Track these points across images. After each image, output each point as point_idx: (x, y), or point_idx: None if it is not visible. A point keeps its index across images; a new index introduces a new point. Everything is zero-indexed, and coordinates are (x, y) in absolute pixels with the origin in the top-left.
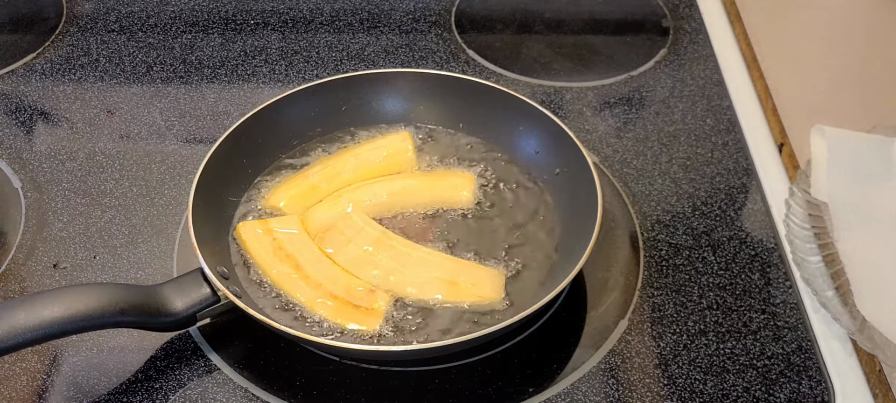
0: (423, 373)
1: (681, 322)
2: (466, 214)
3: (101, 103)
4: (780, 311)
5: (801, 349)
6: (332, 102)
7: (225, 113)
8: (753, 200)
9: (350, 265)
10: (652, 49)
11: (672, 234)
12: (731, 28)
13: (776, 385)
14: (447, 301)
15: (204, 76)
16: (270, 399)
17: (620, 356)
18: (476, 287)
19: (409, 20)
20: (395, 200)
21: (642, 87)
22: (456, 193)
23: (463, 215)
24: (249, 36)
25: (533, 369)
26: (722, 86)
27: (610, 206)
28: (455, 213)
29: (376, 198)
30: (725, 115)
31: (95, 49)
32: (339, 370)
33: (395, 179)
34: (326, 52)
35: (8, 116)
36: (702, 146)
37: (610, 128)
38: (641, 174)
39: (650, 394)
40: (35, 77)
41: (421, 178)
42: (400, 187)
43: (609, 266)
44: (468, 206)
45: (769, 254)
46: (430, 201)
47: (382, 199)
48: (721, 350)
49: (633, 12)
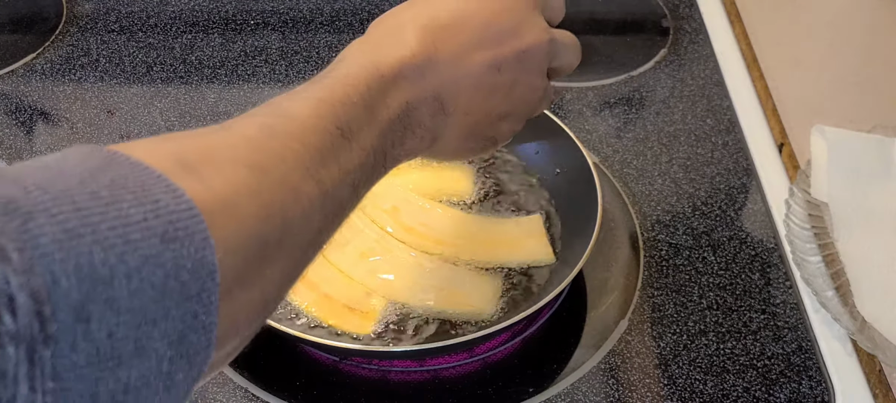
0: (423, 373)
1: (681, 322)
2: (466, 211)
3: (101, 103)
4: (780, 311)
5: (801, 349)
6: None
7: (225, 113)
8: (753, 200)
9: (347, 267)
10: (652, 49)
11: (672, 234)
12: (731, 28)
13: (776, 385)
14: (443, 307)
15: (204, 76)
16: (270, 399)
17: (620, 356)
18: (470, 296)
19: None
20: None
21: (642, 87)
22: (455, 186)
23: (462, 214)
24: (249, 36)
25: (533, 369)
26: (722, 86)
27: (610, 206)
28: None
29: (374, 196)
30: (725, 115)
31: (95, 49)
32: (338, 370)
33: (393, 174)
34: (326, 52)
35: (8, 116)
36: (702, 146)
37: (610, 128)
38: (641, 174)
39: (650, 394)
40: (35, 77)
41: (419, 173)
42: (399, 183)
43: (609, 266)
44: (467, 199)
45: (769, 254)
46: (429, 195)
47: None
48: (721, 350)
49: (633, 12)
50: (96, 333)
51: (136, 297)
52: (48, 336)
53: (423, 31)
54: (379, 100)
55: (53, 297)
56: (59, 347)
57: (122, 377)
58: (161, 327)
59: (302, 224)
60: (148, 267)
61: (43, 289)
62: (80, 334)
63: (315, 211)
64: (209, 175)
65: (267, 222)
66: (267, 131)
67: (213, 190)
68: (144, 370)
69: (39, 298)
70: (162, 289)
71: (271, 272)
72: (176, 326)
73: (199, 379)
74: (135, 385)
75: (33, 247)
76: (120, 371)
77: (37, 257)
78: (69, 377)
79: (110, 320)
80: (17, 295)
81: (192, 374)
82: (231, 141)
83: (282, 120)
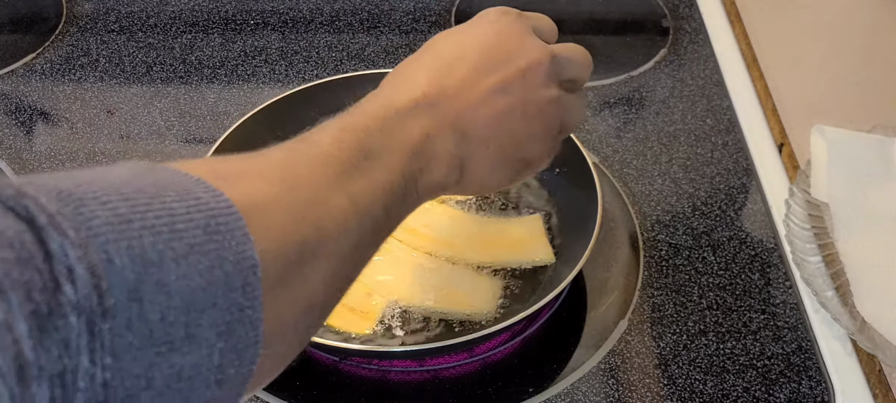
0: (423, 373)
1: (681, 322)
2: (466, 211)
3: (101, 103)
4: (780, 311)
5: (801, 349)
6: (332, 102)
7: (225, 113)
8: (753, 200)
9: None
10: (652, 49)
11: (672, 234)
12: (731, 28)
13: (776, 385)
14: (443, 307)
15: (204, 76)
16: (270, 399)
17: (620, 356)
18: (470, 296)
19: (409, 20)
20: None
21: (642, 87)
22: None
23: (462, 214)
24: (249, 36)
25: (533, 369)
26: (722, 86)
27: (610, 206)
28: (455, 209)
29: None
30: (725, 115)
31: (95, 49)
32: (338, 370)
33: None
34: (326, 52)
35: (8, 116)
36: (702, 146)
37: (610, 128)
38: (641, 174)
39: (650, 394)
40: (35, 77)
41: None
42: None
43: (609, 266)
44: (467, 199)
45: (769, 254)
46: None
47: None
48: (721, 350)
49: (633, 12)
50: (149, 314)
51: (184, 282)
52: (106, 310)
53: (430, 72)
54: (398, 128)
55: (109, 274)
56: (116, 323)
57: (175, 363)
58: (209, 315)
59: (338, 232)
60: (194, 255)
61: (99, 265)
62: (136, 313)
63: (350, 222)
64: (243, 185)
65: (301, 226)
66: (292, 154)
67: (248, 195)
68: (196, 358)
69: (96, 272)
70: (208, 277)
71: (312, 276)
72: (223, 317)
73: (250, 380)
74: (188, 374)
75: (87, 228)
76: (173, 356)
77: (91, 236)
78: (126, 358)
79: (162, 302)
80: (76, 267)
81: (242, 371)
82: (260, 162)
83: (306, 145)
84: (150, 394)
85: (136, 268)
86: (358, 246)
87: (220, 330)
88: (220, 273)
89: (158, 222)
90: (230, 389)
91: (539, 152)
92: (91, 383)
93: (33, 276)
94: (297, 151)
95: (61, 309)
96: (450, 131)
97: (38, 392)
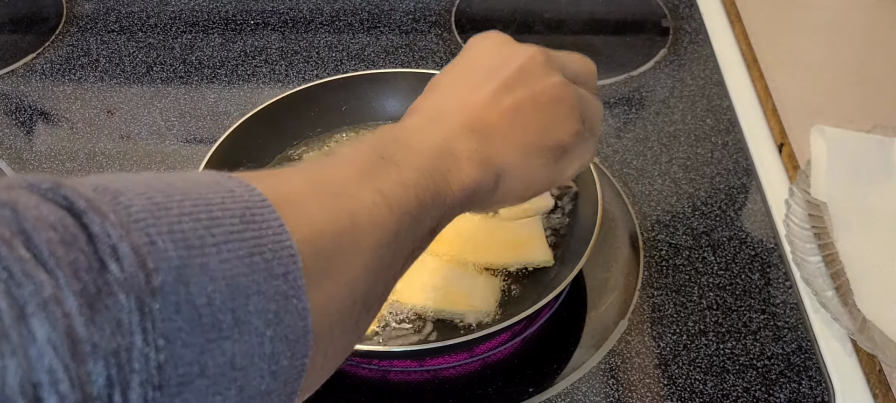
0: (423, 373)
1: (681, 322)
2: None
3: (101, 103)
4: (780, 311)
5: (801, 349)
6: (333, 102)
7: (225, 113)
8: (753, 200)
9: None
10: (652, 49)
11: (672, 234)
12: (731, 28)
13: (776, 385)
14: (443, 307)
15: (204, 76)
16: None
17: (620, 356)
18: (470, 296)
19: (409, 20)
20: None
21: (642, 87)
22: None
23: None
24: (249, 36)
25: (533, 369)
26: (722, 86)
27: (610, 206)
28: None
29: None
30: (725, 115)
31: (95, 49)
32: (338, 370)
33: None
34: (326, 52)
35: (8, 116)
36: (702, 146)
37: (610, 128)
38: (641, 174)
39: (650, 394)
40: (35, 77)
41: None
42: None
43: (609, 266)
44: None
45: (769, 254)
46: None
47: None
48: (721, 350)
49: (633, 12)
50: (196, 298)
51: (227, 266)
52: (155, 290)
53: (431, 100)
54: (412, 138)
55: (153, 254)
56: (165, 303)
57: (226, 350)
58: (254, 301)
59: (373, 225)
60: (233, 241)
61: (143, 246)
62: (183, 296)
63: (383, 215)
64: (272, 181)
65: (334, 217)
66: (312, 164)
67: (278, 190)
68: (247, 347)
69: (140, 252)
70: (249, 263)
71: (351, 268)
72: (269, 305)
73: (304, 377)
74: (241, 363)
75: (127, 213)
76: (224, 344)
77: (131, 221)
78: (177, 342)
79: (207, 286)
80: (120, 246)
81: (296, 365)
82: (281, 171)
83: (326, 157)
84: (205, 382)
85: (179, 252)
86: (396, 241)
87: (268, 318)
88: (260, 259)
89: (195, 209)
90: (285, 384)
91: (569, 132)
92: (146, 364)
93: (78, 256)
94: (317, 162)
95: (109, 287)
96: (465, 132)
97: (93, 370)
